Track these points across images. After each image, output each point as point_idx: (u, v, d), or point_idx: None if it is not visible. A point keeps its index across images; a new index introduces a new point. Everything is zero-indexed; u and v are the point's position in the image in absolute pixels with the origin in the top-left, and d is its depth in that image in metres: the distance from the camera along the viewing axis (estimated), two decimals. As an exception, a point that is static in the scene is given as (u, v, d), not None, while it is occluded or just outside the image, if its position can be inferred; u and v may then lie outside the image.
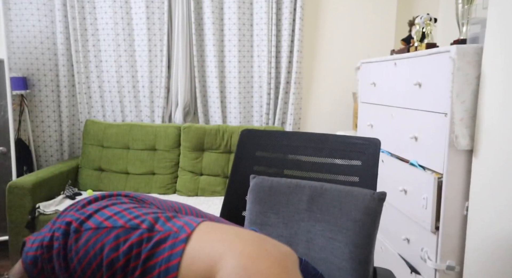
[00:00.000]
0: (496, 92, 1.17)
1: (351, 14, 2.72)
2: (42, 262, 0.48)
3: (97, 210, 0.49)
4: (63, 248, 0.47)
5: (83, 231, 0.47)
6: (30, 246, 0.50)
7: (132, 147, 2.61)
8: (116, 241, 0.46)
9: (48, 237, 0.48)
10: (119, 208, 0.50)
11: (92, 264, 0.46)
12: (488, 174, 1.21)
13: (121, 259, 0.45)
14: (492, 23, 1.19)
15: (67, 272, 0.47)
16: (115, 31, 2.71)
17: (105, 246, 0.46)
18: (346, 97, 2.71)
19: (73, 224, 0.48)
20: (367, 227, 0.98)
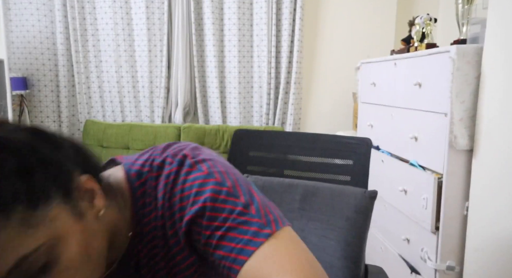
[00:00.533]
0: (496, 92, 1.17)
1: (351, 14, 2.72)
2: (147, 178, 0.54)
3: (211, 159, 0.54)
4: (175, 173, 0.53)
5: (196, 169, 0.52)
6: (132, 162, 0.57)
7: (132, 147, 2.61)
8: (217, 195, 0.50)
9: (158, 159, 0.55)
10: (231, 170, 0.55)
11: (189, 199, 0.51)
12: (488, 174, 1.21)
13: (211, 212, 0.50)
14: (492, 23, 1.19)
15: (168, 193, 0.52)
16: (115, 32, 2.71)
17: (206, 192, 0.50)
18: (346, 98, 2.71)
19: (189, 159, 0.53)
20: (358, 225, 1.00)
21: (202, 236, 0.51)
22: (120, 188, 0.55)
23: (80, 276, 0.45)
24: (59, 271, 0.42)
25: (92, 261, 0.46)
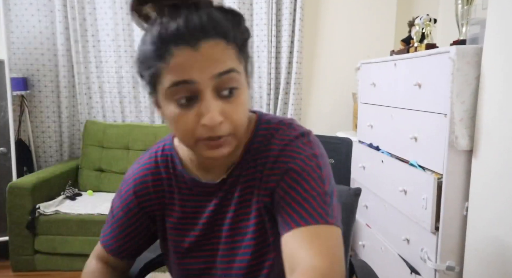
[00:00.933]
0: (496, 92, 1.17)
1: (351, 15, 2.72)
2: (271, 127, 0.69)
3: (320, 149, 0.68)
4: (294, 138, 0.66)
5: (309, 147, 0.66)
6: (266, 114, 0.73)
7: (132, 147, 2.61)
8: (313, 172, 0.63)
9: (287, 121, 0.71)
10: (329, 167, 0.68)
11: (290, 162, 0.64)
12: (488, 174, 1.21)
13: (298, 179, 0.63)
14: (492, 24, 1.19)
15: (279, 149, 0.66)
16: (115, 32, 2.71)
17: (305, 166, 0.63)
18: (346, 98, 2.71)
19: (309, 136, 0.68)
20: (344, 222, 1.02)
21: (281, 189, 0.63)
22: (252, 119, 0.71)
23: (244, 118, 0.61)
24: (238, 98, 0.59)
25: (246, 117, 0.63)
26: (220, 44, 0.56)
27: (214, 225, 0.71)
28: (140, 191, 0.74)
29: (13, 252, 2.17)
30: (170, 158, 0.74)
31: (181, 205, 0.73)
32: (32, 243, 2.17)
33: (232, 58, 0.58)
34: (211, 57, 0.55)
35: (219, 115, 0.57)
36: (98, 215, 2.17)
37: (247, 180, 0.68)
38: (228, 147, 0.60)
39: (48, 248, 2.17)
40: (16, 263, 2.18)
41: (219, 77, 0.56)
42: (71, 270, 2.21)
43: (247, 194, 0.69)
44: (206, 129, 0.57)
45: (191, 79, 0.55)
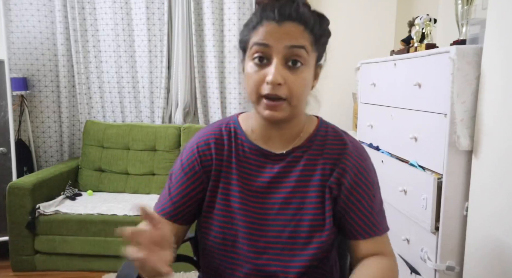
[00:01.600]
0: (496, 92, 1.17)
1: (351, 15, 2.72)
2: (328, 131, 0.87)
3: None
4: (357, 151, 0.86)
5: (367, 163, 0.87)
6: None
7: (132, 147, 2.61)
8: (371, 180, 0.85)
9: (340, 130, 0.91)
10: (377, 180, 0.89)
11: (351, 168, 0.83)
12: (488, 174, 1.21)
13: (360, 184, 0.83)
14: (492, 24, 1.19)
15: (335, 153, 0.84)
16: (115, 32, 2.71)
17: (374, 178, 0.87)
18: (346, 98, 2.71)
19: (365, 155, 0.88)
20: None
21: (344, 195, 0.81)
22: (311, 117, 0.89)
23: (301, 91, 0.74)
24: (301, 73, 0.74)
25: (305, 95, 0.78)
26: (299, 28, 0.72)
27: (269, 192, 0.82)
28: (202, 151, 0.85)
29: (13, 252, 2.17)
30: (233, 129, 0.86)
31: (238, 169, 0.83)
32: (32, 243, 2.17)
33: (306, 40, 0.73)
34: (289, 33, 0.71)
35: (281, 77, 0.71)
36: (98, 215, 2.17)
37: (310, 160, 0.82)
38: (282, 112, 0.73)
39: (48, 248, 2.17)
40: (16, 263, 2.18)
41: (290, 49, 0.71)
42: (71, 270, 2.21)
43: (308, 172, 0.82)
44: (268, 87, 0.71)
45: (267, 43, 0.71)
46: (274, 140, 0.83)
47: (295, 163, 0.82)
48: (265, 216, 0.81)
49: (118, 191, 2.57)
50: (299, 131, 0.84)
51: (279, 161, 0.82)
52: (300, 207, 0.81)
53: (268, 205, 0.82)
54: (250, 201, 0.82)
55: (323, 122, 0.88)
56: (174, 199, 0.85)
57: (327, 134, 0.85)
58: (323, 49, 0.80)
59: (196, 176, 0.84)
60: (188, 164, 0.85)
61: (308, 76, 0.75)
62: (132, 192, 2.56)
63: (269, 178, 0.82)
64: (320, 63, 0.82)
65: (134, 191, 2.56)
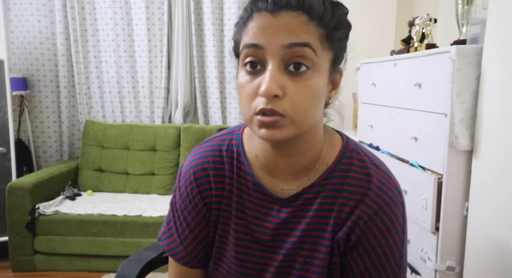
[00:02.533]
0: (496, 92, 1.17)
1: (351, 15, 2.70)
2: (353, 161, 0.66)
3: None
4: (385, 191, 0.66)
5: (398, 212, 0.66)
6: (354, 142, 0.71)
7: (132, 147, 2.61)
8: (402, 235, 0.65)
9: (370, 162, 0.69)
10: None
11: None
12: (488, 174, 1.21)
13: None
14: (492, 24, 1.19)
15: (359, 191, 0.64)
16: (115, 32, 2.71)
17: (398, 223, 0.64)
18: (346, 98, 2.71)
19: (399, 198, 0.68)
20: None
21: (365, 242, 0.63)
22: (334, 138, 0.69)
23: (307, 104, 0.56)
24: (307, 81, 0.55)
25: (315, 109, 0.58)
26: (302, 17, 0.54)
27: (272, 241, 0.66)
28: (200, 179, 0.67)
29: (12, 252, 2.17)
30: (236, 155, 0.68)
31: (237, 211, 0.67)
32: (32, 243, 2.17)
33: (312, 35, 0.54)
34: (287, 26, 0.53)
35: (277, 87, 0.53)
36: (98, 215, 2.17)
37: (325, 204, 0.63)
38: (282, 130, 0.55)
39: (48, 248, 2.17)
40: (15, 263, 2.18)
41: (290, 48, 0.53)
42: (71, 270, 2.20)
43: (321, 219, 0.64)
44: (262, 101, 0.54)
45: (259, 44, 0.54)
46: (282, 171, 0.65)
47: (307, 206, 0.64)
48: (265, 268, 0.66)
49: (118, 191, 2.57)
50: (315, 160, 0.64)
51: (288, 203, 0.65)
52: (307, 261, 0.64)
53: (269, 254, 0.66)
54: (249, 248, 0.67)
55: (348, 148, 0.66)
56: (185, 243, 0.69)
57: (351, 167, 0.64)
58: (341, 47, 0.61)
59: (200, 210, 0.68)
60: (188, 198, 0.69)
61: (318, 83, 0.56)
62: (132, 192, 2.56)
63: (274, 225, 0.65)
64: (339, 67, 0.63)
65: (134, 191, 2.56)
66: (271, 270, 0.66)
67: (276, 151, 0.63)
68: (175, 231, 0.70)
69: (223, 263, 0.69)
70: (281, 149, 0.62)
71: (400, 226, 0.64)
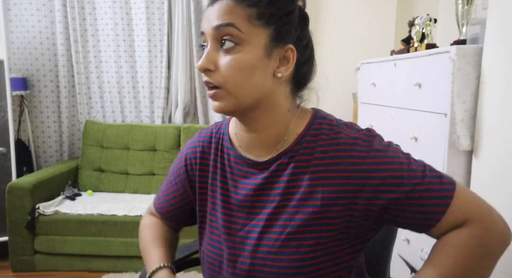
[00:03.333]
0: (496, 92, 1.17)
1: (351, 15, 2.72)
2: (323, 126, 0.70)
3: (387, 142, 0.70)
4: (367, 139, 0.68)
5: (376, 140, 0.68)
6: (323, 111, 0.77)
7: (132, 147, 2.61)
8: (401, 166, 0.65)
9: (341, 122, 0.73)
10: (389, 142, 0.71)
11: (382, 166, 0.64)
12: (488, 174, 1.21)
13: (404, 178, 0.63)
14: (492, 24, 1.19)
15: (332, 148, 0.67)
16: (115, 32, 2.71)
17: (392, 164, 0.64)
18: (346, 98, 2.71)
19: (373, 133, 0.70)
20: None
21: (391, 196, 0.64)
22: (306, 112, 0.74)
23: (237, 76, 0.63)
24: (235, 55, 0.63)
25: (248, 80, 0.64)
26: (230, 3, 0.63)
27: (252, 206, 0.72)
28: (189, 160, 0.80)
29: (12, 252, 2.17)
30: (222, 135, 0.79)
31: (222, 181, 0.76)
32: (32, 243, 2.17)
33: (238, 16, 0.63)
34: (216, 12, 0.64)
35: (208, 63, 0.64)
36: (98, 215, 2.17)
37: (297, 167, 0.68)
38: (222, 102, 0.65)
39: (48, 248, 2.16)
40: (15, 263, 2.18)
41: (218, 29, 0.63)
42: (71, 270, 2.20)
43: (295, 183, 0.68)
44: (202, 75, 0.66)
45: (202, 30, 0.66)
46: (256, 146, 0.72)
47: (281, 171, 0.69)
48: (249, 235, 0.70)
49: (118, 191, 2.57)
50: (282, 132, 0.70)
51: (263, 170, 0.70)
52: (287, 224, 0.67)
53: (253, 222, 0.71)
54: (233, 216, 0.73)
55: (317, 116, 0.72)
56: (164, 199, 0.86)
57: (320, 132, 0.68)
58: (281, 22, 0.65)
59: (180, 185, 0.82)
60: (174, 172, 0.84)
61: (248, 57, 0.63)
62: (132, 192, 2.56)
63: (252, 191, 0.71)
64: (284, 44, 0.65)
65: (134, 191, 2.56)
66: (254, 236, 0.70)
67: (244, 126, 0.71)
68: (161, 190, 0.88)
69: (214, 235, 0.75)
70: (246, 124, 0.71)
71: (391, 153, 0.66)
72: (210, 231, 0.76)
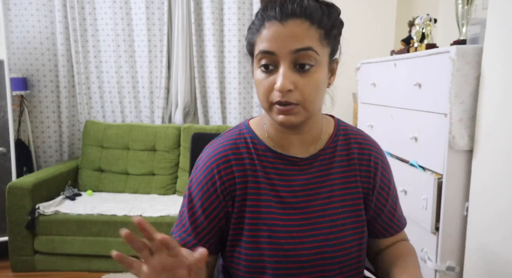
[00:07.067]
0: (496, 93, 1.17)
1: (351, 15, 2.71)
2: (348, 132, 0.85)
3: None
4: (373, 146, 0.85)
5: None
6: None
7: (132, 147, 2.61)
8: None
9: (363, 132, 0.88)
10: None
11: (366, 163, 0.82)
12: (488, 174, 1.21)
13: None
14: (492, 24, 1.19)
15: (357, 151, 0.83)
16: (115, 32, 2.71)
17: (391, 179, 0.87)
18: (346, 98, 2.71)
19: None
20: None
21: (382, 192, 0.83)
22: (326, 116, 0.85)
23: (314, 94, 0.69)
24: (312, 75, 0.68)
25: (320, 96, 0.71)
26: (304, 24, 0.66)
27: (304, 202, 0.77)
28: (224, 170, 0.76)
29: (12, 252, 2.17)
30: (250, 139, 0.79)
31: (267, 182, 0.77)
32: (32, 243, 2.17)
33: (313, 38, 0.67)
34: (293, 34, 0.65)
35: (290, 83, 0.66)
36: (98, 215, 2.17)
37: (341, 161, 0.80)
38: (296, 116, 0.69)
39: (48, 248, 2.16)
40: (15, 263, 2.18)
41: (297, 53, 0.66)
42: (71, 270, 2.20)
43: (342, 174, 0.79)
44: (278, 94, 0.67)
45: (273, 51, 0.66)
46: (294, 145, 0.77)
47: (326, 167, 0.78)
48: (303, 229, 0.75)
49: (118, 191, 2.57)
50: (318, 133, 0.79)
51: (307, 166, 0.78)
52: (339, 213, 0.78)
53: (304, 216, 0.76)
54: (285, 215, 0.75)
55: (340, 123, 0.85)
56: (198, 230, 0.76)
57: (348, 134, 0.82)
58: (336, 42, 0.74)
59: (219, 199, 0.75)
60: (208, 187, 0.76)
61: (321, 76, 0.69)
62: (132, 192, 2.56)
63: (302, 186, 0.77)
64: (335, 57, 0.76)
65: (134, 191, 2.56)
66: (309, 228, 0.76)
67: (289, 129, 0.76)
68: (187, 221, 0.77)
69: (261, 238, 0.75)
70: (293, 128, 0.75)
71: (390, 170, 0.87)
72: (250, 235, 0.75)
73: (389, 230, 0.84)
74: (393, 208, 0.84)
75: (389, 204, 0.83)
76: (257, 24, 0.70)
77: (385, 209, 0.83)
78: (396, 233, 0.85)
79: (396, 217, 0.85)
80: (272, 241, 0.74)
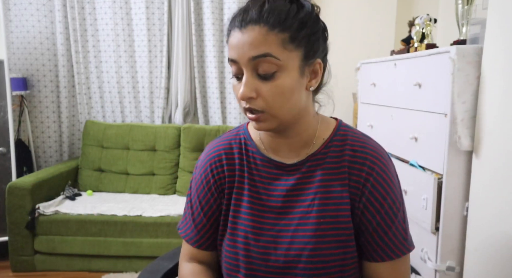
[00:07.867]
0: (496, 92, 1.17)
1: (351, 15, 2.72)
2: (347, 134, 0.77)
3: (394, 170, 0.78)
4: (376, 151, 0.75)
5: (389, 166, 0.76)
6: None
7: (132, 147, 2.61)
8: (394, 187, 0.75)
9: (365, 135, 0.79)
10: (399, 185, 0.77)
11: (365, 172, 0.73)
12: (488, 174, 1.21)
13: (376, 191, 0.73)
14: (492, 24, 1.19)
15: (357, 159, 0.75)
16: (115, 32, 2.71)
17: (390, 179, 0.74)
18: (346, 98, 2.71)
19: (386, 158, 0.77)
20: None
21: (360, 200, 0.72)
22: (328, 119, 0.79)
23: (279, 100, 0.66)
24: (274, 81, 0.65)
25: (289, 102, 0.67)
26: (262, 31, 0.63)
27: (284, 208, 0.74)
28: (216, 168, 0.78)
29: (12, 252, 2.17)
30: (243, 140, 0.80)
31: (250, 185, 0.76)
32: (32, 243, 2.17)
33: (272, 44, 0.64)
34: (250, 41, 0.64)
35: (251, 91, 0.65)
36: (98, 215, 2.17)
37: (329, 169, 0.74)
38: (266, 123, 0.68)
39: (48, 248, 2.16)
40: (15, 263, 2.18)
41: (254, 60, 0.64)
42: (71, 270, 2.20)
43: (327, 182, 0.73)
44: (243, 102, 0.67)
45: (234, 59, 0.66)
46: (284, 150, 0.76)
47: (311, 173, 0.74)
48: (280, 235, 0.73)
49: (118, 191, 2.57)
50: (311, 137, 0.75)
51: (294, 171, 0.74)
52: (320, 222, 0.71)
53: (283, 221, 0.73)
54: (262, 217, 0.75)
55: (342, 125, 0.78)
56: (199, 226, 0.79)
57: (346, 139, 0.75)
58: (310, 42, 0.68)
59: (214, 196, 0.78)
60: (203, 185, 0.79)
61: (287, 81, 0.65)
62: (132, 192, 2.56)
63: (284, 192, 0.74)
64: (313, 60, 0.69)
65: (134, 191, 2.56)
66: (287, 235, 0.73)
67: (276, 133, 0.74)
68: (190, 218, 0.80)
69: (238, 237, 0.75)
70: (279, 132, 0.74)
71: (398, 189, 0.75)
72: (230, 233, 0.76)
73: (379, 252, 0.72)
74: (386, 226, 0.72)
75: (378, 221, 0.72)
76: (227, 33, 0.69)
77: (370, 226, 0.72)
78: (389, 258, 0.72)
79: (390, 239, 0.72)
80: (246, 241, 0.74)
